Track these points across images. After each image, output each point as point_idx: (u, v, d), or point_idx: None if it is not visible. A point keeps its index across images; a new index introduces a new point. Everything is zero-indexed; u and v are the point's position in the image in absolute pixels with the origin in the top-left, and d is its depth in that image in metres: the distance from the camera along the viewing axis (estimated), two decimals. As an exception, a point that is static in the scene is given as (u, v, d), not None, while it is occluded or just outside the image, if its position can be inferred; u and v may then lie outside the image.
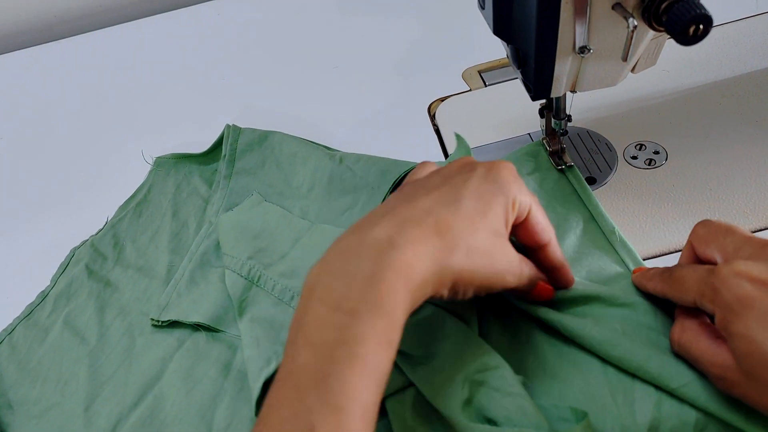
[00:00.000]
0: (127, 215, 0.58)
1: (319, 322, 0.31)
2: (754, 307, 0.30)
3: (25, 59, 0.83)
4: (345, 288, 0.31)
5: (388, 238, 0.32)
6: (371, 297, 0.30)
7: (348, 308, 0.30)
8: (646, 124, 0.55)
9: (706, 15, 0.34)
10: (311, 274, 0.33)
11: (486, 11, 0.42)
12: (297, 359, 0.30)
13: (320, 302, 0.31)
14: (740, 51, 0.60)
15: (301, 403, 0.29)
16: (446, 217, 0.33)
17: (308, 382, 0.29)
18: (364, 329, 0.30)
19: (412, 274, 0.31)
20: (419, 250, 0.32)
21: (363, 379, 0.29)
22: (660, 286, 0.38)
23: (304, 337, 0.31)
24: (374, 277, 0.31)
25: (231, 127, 0.61)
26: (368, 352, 0.30)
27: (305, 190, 0.55)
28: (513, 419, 0.35)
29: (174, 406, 0.43)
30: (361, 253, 0.32)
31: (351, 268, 0.32)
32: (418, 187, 0.36)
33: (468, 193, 0.35)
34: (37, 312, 0.52)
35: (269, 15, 0.81)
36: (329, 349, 0.30)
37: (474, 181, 0.35)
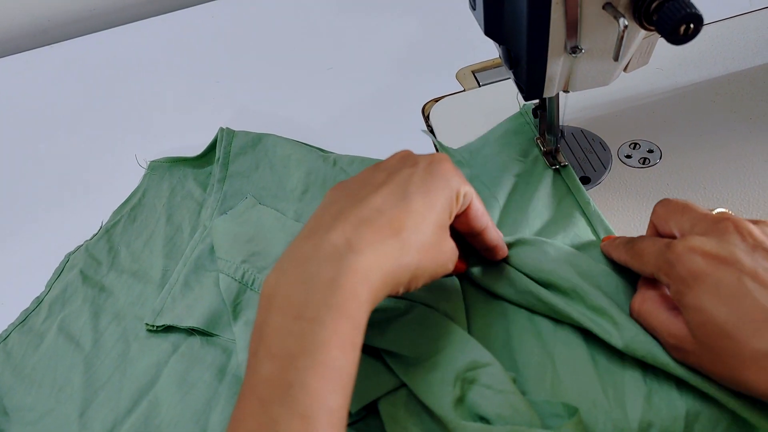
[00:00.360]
0: (121, 220, 0.58)
1: (279, 332, 0.31)
2: (706, 281, 0.33)
3: (19, 64, 0.82)
4: (305, 295, 0.31)
5: (345, 242, 0.32)
6: (333, 302, 0.31)
7: (309, 316, 0.30)
8: (640, 122, 0.55)
9: (697, 14, 0.33)
10: (268, 283, 0.33)
11: (477, 12, 0.42)
12: (260, 371, 0.30)
13: (279, 312, 0.31)
14: (734, 49, 0.60)
15: (266, 415, 0.29)
16: (398, 215, 0.34)
17: (272, 393, 0.29)
18: (326, 335, 0.30)
19: (372, 276, 0.32)
20: (377, 252, 0.32)
21: (328, 385, 0.29)
22: (623, 256, 0.40)
23: (266, 348, 0.31)
24: (335, 282, 0.31)
25: (224, 130, 0.61)
26: (332, 358, 0.30)
27: (299, 192, 0.55)
28: (505, 417, 0.35)
29: (169, 411, 0.43)
30: (318, 259, 0.32)
31: (310, 274, 0.31)
32: (363, 184, 0.37)
33: (415, 189, 0.35)
34: (32, 318, 0.52)
35: (262, 17, 0.81)
36: (292, 359, 0.30)
37: (419, 176, 0.36)
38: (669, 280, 0.35)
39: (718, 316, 0.32)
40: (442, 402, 0.36)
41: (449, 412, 0.35)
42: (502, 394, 0.35)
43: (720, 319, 0.32)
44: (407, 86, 0.67)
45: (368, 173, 0.38)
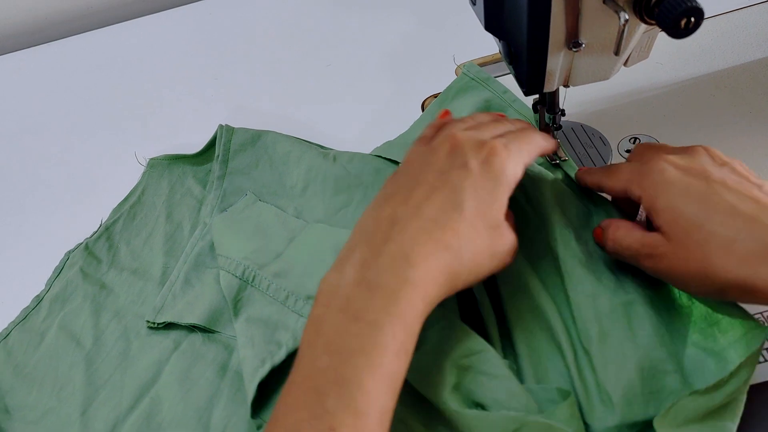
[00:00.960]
0: (121, 217, 0.58)
1: (338, 330, 0.32)
2: (677, 185, 0.36)
3: (16, 62, 0.82)
4: (364, 300, 0.32)
5: (404, 255, 0.33)
6: (392, 310, 0.32)
7: (369, 319, 0.32)
8: (640, 117, 0.55)
9: (698, 8, 0.33)
10: (327, 282, 0.34)
11: (477, 7, 0.42)
12: (316, 363, 0.31)
13: (340, 311, 0.32)
14: (734, 42, 0.60)
15: (320, 406, 0.30)
16: (452, 225, 0.35)
17: (328, 385, 0.30)
18: (384, 339, 0.31)
19: (427, 288, 0.33)
20: (432, 266, 0.34)
21: (381, 386, 0.31)
22: (597, 178, 0.43)
23: (324, 342, 0.32)
24: (395, 292, 0.32)
25: (224, 127, 0.60)
26: (387, 361, 0.31)
27: (299, 189, 0.55)
28: (501, 402, 0.35)
29: (171, 408, 0.43)
30: (378, 267, 0.33)
31: (369, 281, 0.33)
32: (414, 184, 0.37)
33: (467, 196, 0.36)
34: (33, 316, 0.52)
35: (260, 14, 0.81)
36: (350, 356, 0.31)
37: (471, 181, 0.36)
38: (641, 190, 0.38)
39: (688, 212, 0.35)
40: (438, 389, 0.36)
41: (445, 399, 0.36)
42: (498, 380, 0.36)
43: (690, 213, 0.35)
44: (407, 82, 0.67)
45: (418, 167, 0.38)
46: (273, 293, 0.46)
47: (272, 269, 0.47)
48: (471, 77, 0.58)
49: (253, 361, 0.41)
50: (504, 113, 0.54)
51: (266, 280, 0.47)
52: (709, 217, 0.35)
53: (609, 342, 0.38)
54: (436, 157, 0.38)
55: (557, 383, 0.39)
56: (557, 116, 0.50)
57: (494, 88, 0.56)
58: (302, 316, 0.44)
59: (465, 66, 0.59)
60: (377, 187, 0.52)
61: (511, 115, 0.54)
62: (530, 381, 0.39)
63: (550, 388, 0.37)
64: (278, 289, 0.46)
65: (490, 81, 0.57)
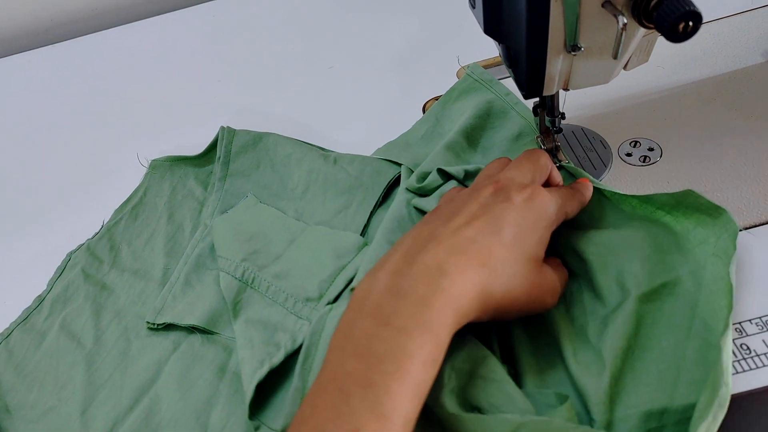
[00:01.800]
0: (123, 218, 0.58)
1: (367, 335, 0.32)
2: None
3: (20, 63, 0.83)
4: (396, 307, 0.33)
5: (438, 265, 0.34)
6: (422, 318, 0.32)
7: (398, 325, 0.32)
8: (640, 120, 0.55)
9: (696, 12, 0.33)
10: (360, 288, 0.35)
11: (477, 10, 0.42)
12: (344, 365, 0.32)
13: (371, 317, 0.33)
14: (735, 46, 0.60)
15: (346, 406, 0.30)
16: (489, 246, 0.35)
17: (355, 388, 0.30)
18: (413, 346, 0.31)
19: (459, 301, 0.34)
20: (466, 278, 0.34)
21: (407, 393, 0.31)
22: None
23: (353, 345, 0.32)
24: (426, 300, 0.33)
25: (225, 129, 0.61)
26: (415, 369, 0.31)
27: (300, 191, 0.55)
28: (500, 406, 0.35)
29: (170, 409, 0.43)
30: (411, 276, 0.34)
31: (402, 288, 0.33)
32: (456, 212, 0.38)
33: (507, 225, 0.37)
34: (34, 316, 0.52)
35: (263, 16, 0.81)
36: (378, 361, 0.31)
37: (512, 213, 0.37)
38: None
39: None
40: (437, 393, 0.36)
41: (443, 402, 0.36)
42: (496, 384, 0.36)
43: None
44: (408, 84, 0.67)
45: (463, 202, 0.39)
46: (272, 295, 0.46)
47: (272, 271, 0.48)
48: (474, 78, 0.58)
49: (252, 362, 0.41)
50: (505, 115, 0.55)
51: (266, 281, 0.47)
52: None
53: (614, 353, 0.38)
54: (480, 194, 0.39)
55: (557, 388, 0.39)
56: (557, 119, 0.50)
57: (497, 90, 0.57)
58: (301, 317, 0.45)
59: (469, 67, 0.60)
60: (378, 188, 0.53)
61: (512, 117, 0.55)
62: (530, 386, 0.39)
63: (549, 392, 0.37)
64: (278, 291, 0.46)
65: (494, 83, 0.57)
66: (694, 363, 0.37)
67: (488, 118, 0.55)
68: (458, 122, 0.56)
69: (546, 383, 0.39)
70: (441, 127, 0.58)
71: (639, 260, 0.41)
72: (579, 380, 0.37)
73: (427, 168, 0.51)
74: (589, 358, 0.38)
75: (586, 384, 0.37)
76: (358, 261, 0.47)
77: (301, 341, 0.43)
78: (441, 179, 0.49)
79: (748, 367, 0.38)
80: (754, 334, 0.40)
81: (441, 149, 0.52)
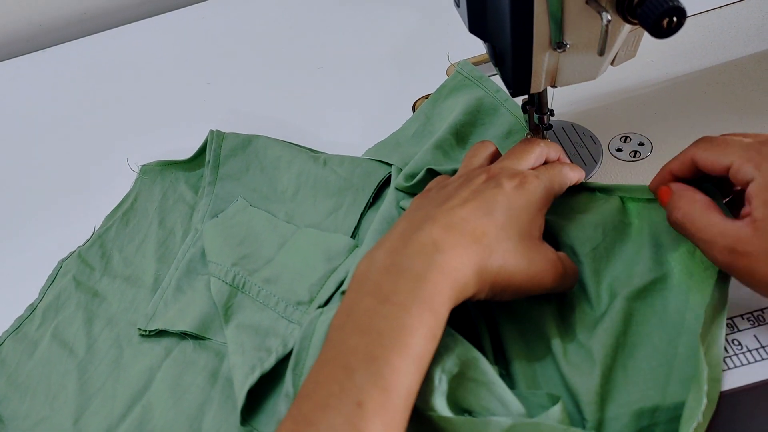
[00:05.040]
0: (114, 224, 0.58)
1: (368, 312, 0.33)
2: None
3: (8, 70, 0.82)
4: (394, 284, 0.33)
5: (433, 242, 0.35)
6: (420, 293, 0.33)
7: (398, 301, 0.33)
8: (630, 115, 0.54)
9: (680, 7, 0.33)
10: (359, 269, 0.35)
11: (461, 9, 0.42)
12: (346, 342, 0.32)
13: (370, 295, 0.33)
14: (725, 38, 0.60)
15: (350, 380, 0.31)
16: (482, 224, 0.36)
17: (357, 363, 0.31)
18: (413, 321, 0.32)
19: (456, 275, 0.34)
20: (461, 253, 0.35)
21: (409, 366, 0.31)
22: (691, 153, 0.38)
23: (354, 323, 0.33)
24: (423, 276, 0.33)
25: (215, 132, 0.60)
26: (414, 342, 0.32)
27: (290, 193, 0.55)
28: (490, 409, 0.35)
29: (162, 416, 0.43)
30: (408, 254, 0.34)
31: (400, 266, 0.34)
32: (449, 197, 0.39)
33: (499, 207, 0.38)
34: (26, 325, 0.52)
35: (251, 17, 0.81)
36: (379, 336, 0.32)
37: (504, 196, 0.38)
38: (758, 172, 0.34)
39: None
40: (428, 397, 0.36)
41: (434, 406, 0.35)
42: (487, 387, 0.35)
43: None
44: (398, 83, 0.66)
45: (453, 189, 0.40)
46: (263, 299, 0.46)
47: (262, 275, 0.47)
48: (465, 76, 0.59)
49: (243, 368, 0.41)
50: (495, 112, 0.55)
51: (256, 286, 0.47)
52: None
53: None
54: (472, 182, 0.40)
55: (548, 388, 0.38)
56: (546, 116, 0.49)
57: (487, 87, 0.57)
58: (292, 322, 0.44)
59: (459, 64, 0.60)
60: (368, 190, 0.52)
61: (502, 114, 0.55)
62: (521, 387, 0.39)
63: (541, 393, 0.37)
64: (268, 295, 0.46)
65: (484, 80, 0.58)
66: (686, 359, 0.37)
67: (478, 114, 0.55)
68: (448, 120, 0.56)
69: (537, 383, 0.39)
70: (431, 126, 0.58)
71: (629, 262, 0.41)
72: (570, 380, 0.37)
73: (416, 167, 0.50)
74: (580, 358, 0.38)
75: (577, 383, 0.37)
76: (348, 263, 0.47)
77: (292, 346, 0.42)
78: (430, 179, 0.49)
79: (740, 363, 0.38)
80: (746, 330, 0.39)
81: (430, 147, 0.52)
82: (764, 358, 0.38)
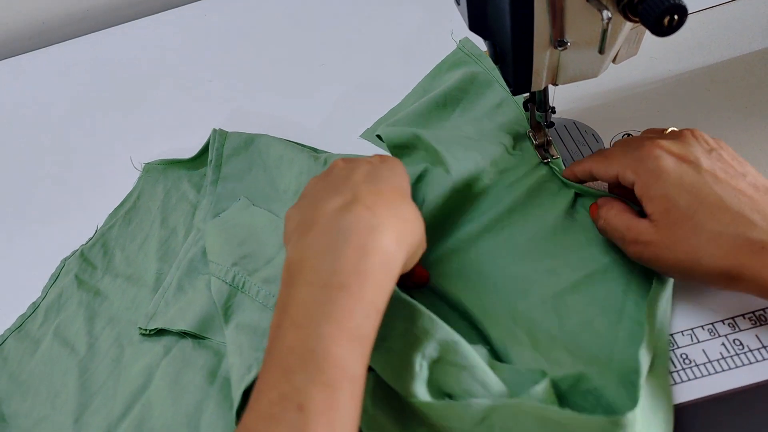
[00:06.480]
0: (116, 223, 0.58)
1: (305, 302, 0.32)
2: (671, 174, 0.38)
3: (11, 68, 0.82)
4: (333, 263, 0.33)
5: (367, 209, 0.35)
6: (362, 268, 0.32)
7: (337, 282, 0.32)
8: (633, 112, 0.54)
9: (681, 5, 0.33)
10: (290, 259, 0.35)
11: (461, 7, 0.42)
12: (283, 341, 0.31)
13: (305, 282, 0.33)
14: (729, 35, 0.59)
15: (289, 383, 0.29)
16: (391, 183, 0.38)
17: (295, 362, 0.30)
18: (352, 300, 0.31)
19: (396, 239, 0.35)
20: (389, 228, 0.35)
21: (351, 353, 0.31)
22: (587, 165, 0.44)
23: (290, 319, 0.32)
24: (364, 247, 0.33)
25: (217, 131, 0.60)
26: (355, 325, 0.31)
27: (291, 193, 0.55)
28: (472, 392, 0.35)
29: (161, 414, 0.43)
30: (344, 229, 0.34)
31: (337, 243, 0.33)
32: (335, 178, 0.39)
33: (383, 171, 0.40)
34: (29, 323, 0.52)
35: (254, 15, 0.80)
36: (316, 326, 0.31)
37: (376, 164, 0.41)
38: (636, 177, 0.39)
39: (681, 202, 0.37)
40: (409, 383, 0.36)
41: (414, 392, 0.35)
42: (467, 370, 0.36)
43: (683, 204, 0.37)
44: (403, 81, 0.66)
45: (331, 178, 0.40)
46: (262, 300, 0.46)
47: (262, 275, 0.47)
48: (465, 53, 0.62)
49: (240, 368, 0.41)
50: (489, 85, 0.58)
51: (255, 286, 0.47)
52: (699, 209, 0.37)
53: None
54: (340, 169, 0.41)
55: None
56: (547, 114, 0.49)
57: (485, 64, 0.60)
58: None
59: (460, 41, 0.63)
60: None
61: (496, 89, 0.57)
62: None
63: (524, 371, 0.37)
64: (267, 296, 0.46)
65: (482, 57, 0.61)
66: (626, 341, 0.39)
67: (471, 85, 0.58)
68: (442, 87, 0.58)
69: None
70: None
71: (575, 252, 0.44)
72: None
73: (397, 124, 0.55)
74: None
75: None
76: None
77: None
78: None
79: (741, 362, 0.38)
80: (748, 329, 0.39)
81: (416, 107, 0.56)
82: (766, 358, 0.38)
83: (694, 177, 0.38)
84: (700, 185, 0.37)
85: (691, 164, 0.38)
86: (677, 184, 0.38)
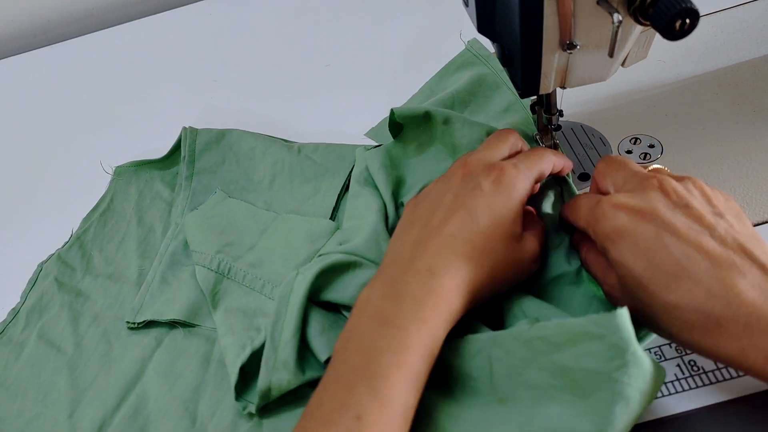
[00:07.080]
0: (92, 225, 0.58)
1: (369, 334, 0.35)
2: (626, 237, 0.35)
3: (15, 66, 0.82)
4: (394, 308, 0.35)
5: (427, 268, 0.36)
6: (419, 315, 0.34)
7: (398, 324, 0.34)
8: (640, 117, 0.54)
9: (693, 9, 0.32)
10: (360, 298, 0.37)
11: (470, 9, 0.41)
12: (347, 362, 0.34)
13: (371, 319, 0.35)
14: (738, 38, 0.58)
15: (350, 396, 0.32)
16: (469, 238, 0.37)
17: (358, 379, 0.33)
18: (411, 340, 0.34)
19: (451, 296, 0.36)
20: (454, 276, 0.36)
21: (406, 383, 0.33)
22: (565, 211, 0.42)
23: (355, 345, 0.35)
24: (420, 300, 0.35)
25: (187, 129, 0.61)
26: (412, 361, 0.33)
27: (267, 182, 0.56)
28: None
29: (157, 402, 0.44)
30: (406, 281, 0.36)
31: (398, 292, 0.36)
32: (434, 207, 0.39)
33: (481, 212, 0.38)
34: (10, 329, 0.51)
35: (259, 15, 0.80)
36: (379, 355, 0.33)
37: (484, 198, 0.38)
38: (595, 236, 0.37)
39: (635, 270, 0.34)
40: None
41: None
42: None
43: (637, 272, 0.34)
44: (407, 82, 0.65)
45: (437, 194, 0.40)
46: (249, 283, 0.47)
47: (247, 260, 0.49)
48: (473, 53, 0.61)
49: (234, 347, 0.42)
50: (497, 88, 0.57)
51: (242, 271, 0.48)
52: (654, 279, 0.34)
53: None
54: (451, 184, 0.40)
55: None
56: (555, 117, 0.49)
57: (493, 66, 0.59)
58: None
59: (469, 42, 0.62)
60: (343, 173, 0.55)
61: (504, 91, 0.57)
62: None
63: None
64: (254, 279, 0.47)
65: (491, 58, 0.60)
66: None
67: (479, 88, 0.57)
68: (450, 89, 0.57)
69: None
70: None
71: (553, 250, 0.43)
72: None
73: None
74: None
75: None
76: (331, 244, 0.48)
77: None
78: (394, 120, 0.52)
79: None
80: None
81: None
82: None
83: (651, 238, 0.34)
84: (658, 249, 0.34)
85: (650, 221, 0.34)
86: (632, 249, 0.34)
